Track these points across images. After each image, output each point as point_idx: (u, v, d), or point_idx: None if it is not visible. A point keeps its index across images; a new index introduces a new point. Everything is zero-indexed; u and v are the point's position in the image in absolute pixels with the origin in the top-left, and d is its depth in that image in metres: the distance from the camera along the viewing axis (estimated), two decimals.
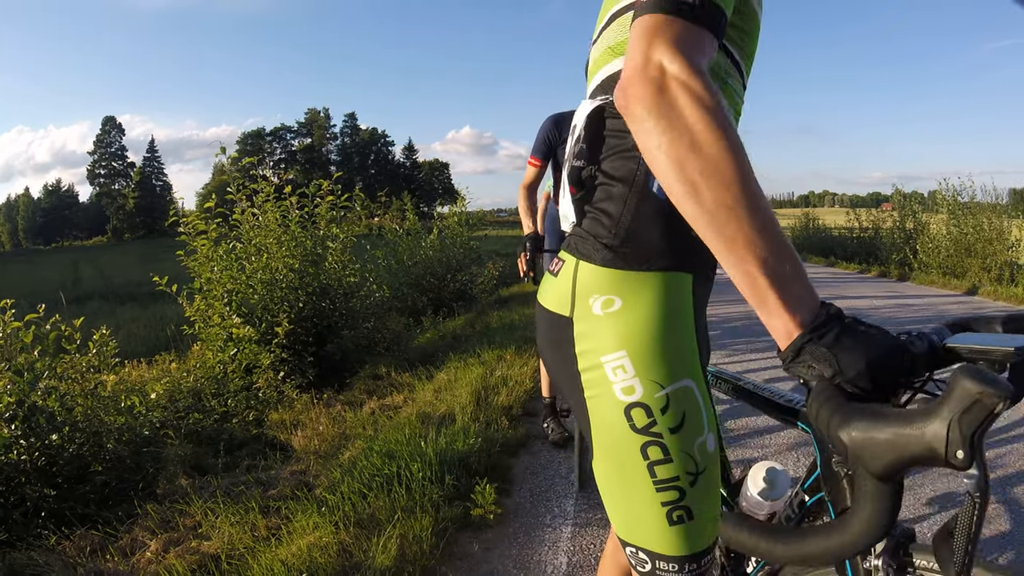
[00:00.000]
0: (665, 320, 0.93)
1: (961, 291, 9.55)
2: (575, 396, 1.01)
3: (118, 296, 18.24)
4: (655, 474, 0.92)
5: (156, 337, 9.23)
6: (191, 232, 5.26)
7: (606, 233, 0.96)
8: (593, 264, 0.96)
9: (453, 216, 11.26)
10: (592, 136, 1.00)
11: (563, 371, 1.02)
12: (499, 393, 4.11)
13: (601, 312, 0.94)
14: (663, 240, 0.94)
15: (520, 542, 2.48)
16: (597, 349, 0.94)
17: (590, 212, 1.01)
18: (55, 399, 3.28)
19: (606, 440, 0.96)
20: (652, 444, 0.92)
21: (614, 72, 0.98)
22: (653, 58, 0.72)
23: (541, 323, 1.08)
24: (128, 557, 2.54)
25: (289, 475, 3.17)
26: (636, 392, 0.92)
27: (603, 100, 1.00)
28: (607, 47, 1.00)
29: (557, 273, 1.04)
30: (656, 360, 0.92)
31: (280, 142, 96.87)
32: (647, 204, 0.94)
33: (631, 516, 0.97)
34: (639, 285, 0.93)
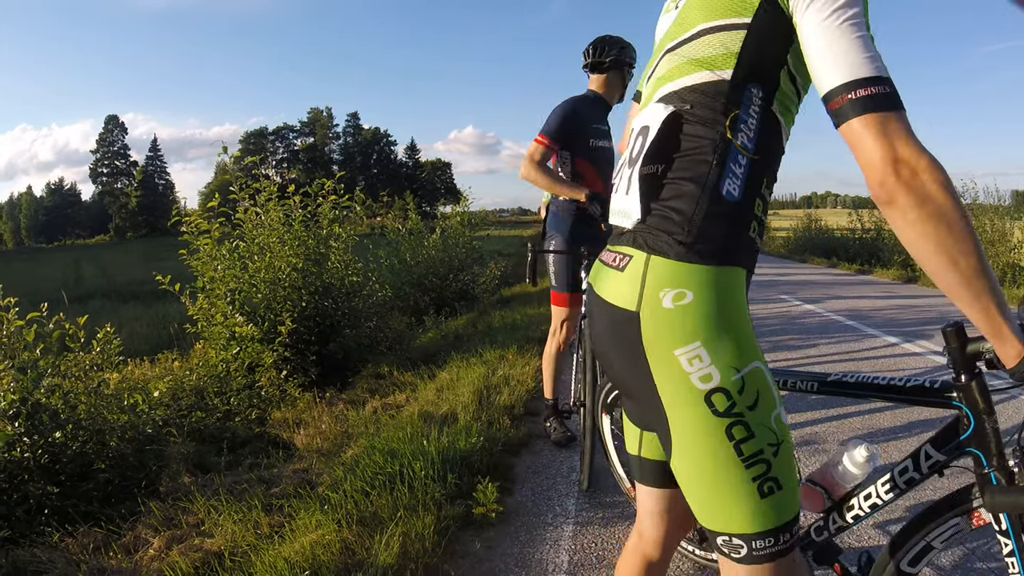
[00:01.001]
0: (732, 310, 1.01)
1: None
2: (644, 390, 1.06)
3: (121, 295, 18.28)
4: (742, 451, 0.99)
5: (159, 336, 9.26)
6: (194, 231, 5.27)
7: (679, 230, 1.02)
8: (667, 259, 1.02)
9: (455, 216, 11.27)
10: (666, 139, 1.07)
11: (628, 365, 1.07)
12: (501, 392, 4.11)
13: (672, 305, 1.00)
14: (727, 238, 1.03)
15: (522, 540, 2.48)
16: (669, 342, 1.00)
17: (658, 209, 1.06)
18: (58, 397, 3.29)
19: (688, 430, 1.02)
20: (735, 424, 0.99)
21: (697, 84, 1.06)
22: (902, 155, 0.86)
23: (601, 318, 1.12)
24: (131, 554, 2.55)
25: (292, 473, 3.17)
26: (714, 379, 0.99)
27: (679, 107, 1.07)
28: (693, 59, 1.08)
29: (623, 268, 1.08)
30: (729, 347, 1.00)
31: (283, 141, 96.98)
32: (717, 205, 1.02)
33: (723, 501, 1.02)
34: (709, 278, 1.00)
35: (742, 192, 1.04)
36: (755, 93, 1.04)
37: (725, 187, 1.03)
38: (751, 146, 1.05)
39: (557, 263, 3.26)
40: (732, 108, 1.04)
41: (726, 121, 1.03)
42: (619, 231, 1.17)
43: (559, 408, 3.54)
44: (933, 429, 1.24)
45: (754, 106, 1.05)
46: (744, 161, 1.04)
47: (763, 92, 1.05)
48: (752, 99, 1.04)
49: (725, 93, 1.04)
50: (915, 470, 1.26)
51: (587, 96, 3.22)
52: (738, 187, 1.04)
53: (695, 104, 1.06)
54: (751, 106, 1.05)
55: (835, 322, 7.16)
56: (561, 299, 3.30)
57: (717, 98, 1.04)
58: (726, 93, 1.04)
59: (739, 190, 1.04)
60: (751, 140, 1.05)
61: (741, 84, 1.04)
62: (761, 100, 1.05)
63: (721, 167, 1.03)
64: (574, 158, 3.16)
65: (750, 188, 1.05)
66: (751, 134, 1.05)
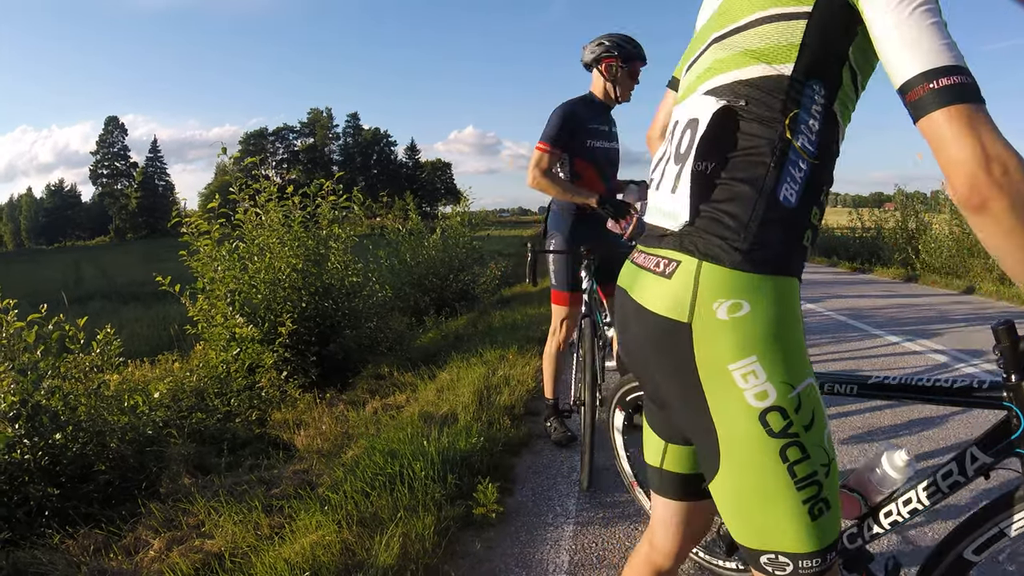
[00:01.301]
0: (789, 322, 0.96)
1: (959, 291, 9.54)
2: (693, 407, 1.00)
3: (121, 296, 18.29)
4: (795, 474, 0.94)
5: (159, 337, 9.26)
6: (194, 232, 5.27)
7: (734, 236, 0.95)
8: (721, 266, 0.95)
9: (456, 216, 11.28)
10: (718, 135, 1.00)
11: (673, 377, 1.01)
12: (501, 393, 4.11)
13: (727, 317, 0.93)
14: (784, 246, 0.97)
15: (522, 541, 2.48)
16: (723, 356, 0.94)
17: (708, 211, 0.99)
18: (58, 398, 3.30)
19: (739, 450, 0.97)
20: (791, 445, 0.94)
21: (753, 79, 0.99)
22: (992, 152, 0.77)
23: (643, 328, 1.05)
24: (131, 556, 2.55)
25: (292, 474, 3.18)
26: (770, 396, 0.93)
27: (731, 102, 1.00)
28: (746, 50, 1.00)
29: (669, 275, 1.00)
30: (785, 362, 0.94)
31: (283, 142, 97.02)
32: (774, 211, 0.96)
33: (770, 523, 0.98)
34: (766, 289, 0.95)
35: (799, 198, 0.97)
36: (816, 91, 0.97)
37: (782, 192, 0.96)
38: (812, 149, 0.98)
39: (557, 262, 3.27)
40: (792, 107, 0.97)
41: (785, 120, 0.97)
42: (659, 232, 1.10)
43: (559, 408, 3.54)
44: (933, 428, 1.24)
45: (816, 105, 0.97)
46: (804, 165, 0.98)
47: (825, 90, 0.98)
48: (814, 97, 0.97)
49: (784, 90, 0.97)
50: (960, 473, 1.22)
51: (584, 97, 3.23)
52: (796, 193, 0.97)
53: (750, 100, 0.99)
54: (813, 105, 0.97)
55: (835, 321, 7.16)
56: (561, 298, 3.30)
57: (775, 95, 0.97)
58: (785, 90, 0.97)
59: (796, 196, 0.97)
60: (812, 143, 0.98)
61: (802, 80, 0.96)
62: (823, 99, 0.98)
63: (779, 170, 0.96)
64: (572, 158, 3.16)
65: (808, 194, 0.98)
66: (812, 136, 0.98)
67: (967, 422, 3.55)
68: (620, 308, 1.16)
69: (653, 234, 1.13)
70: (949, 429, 3.48)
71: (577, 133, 3.12)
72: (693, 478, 1.24)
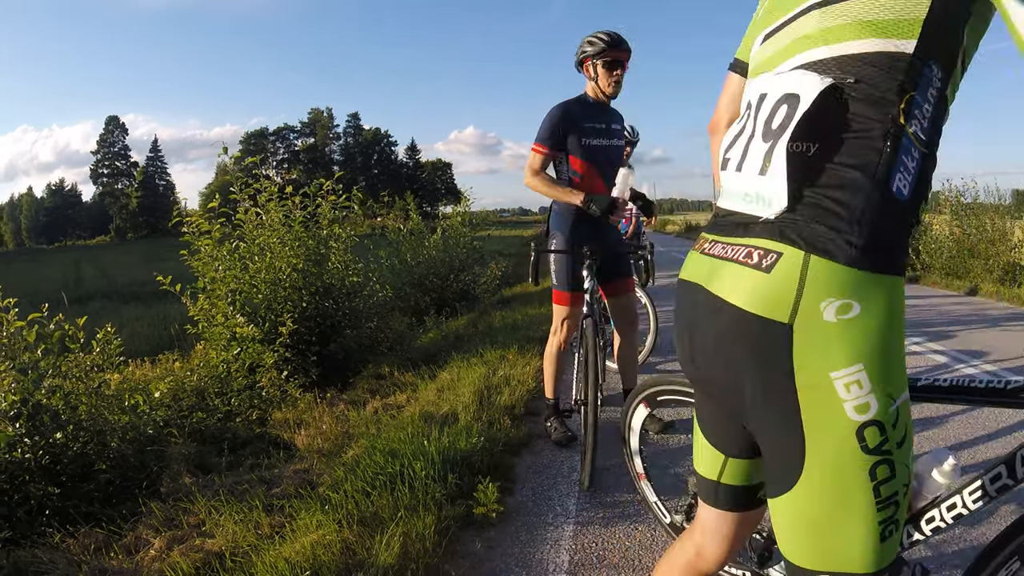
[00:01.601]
0: (897, 327, 0.88)
1: (961, 291, 9.53)
2: (780, 416, 0.91)
3: (121, 295, 18.28)
4: (879, 493, 0.88)
5: (160, 336, 9.25)
6: (195, 232, 5.27)
7: (847, 228, 0.86)
8: (834, 262, 0.85)
9: (456, 216, 11.27)
10: (824, 114, 0.90)
11: (764, 386, 0.92)
12: (502, 392, 4.11)
13: (834, 319, 0.84)
14: (896, 242, 0.89)
15: (522, 540, 2.48)
16: (826, 363, 0.85)
17: (813, 198, 0.90)
18: (59, 397, 3.30)
19: (827, 465, 0.89)
20: (882, 463, 0.87)
21: (868, 53, 0.89)
22: None
23: (726, 326, 0.94)
24: (132, 555, 2.56)
25: (292, 474, 3.18)
26: (871, 409, 0.86)
27: (839, 78, 0.90)
28: (861, 21, 0.89)
29: (768, 268, 0.89)
30: (891, 372, 0.87)
31: (283, 142, 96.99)
32: (887, 202, 0.88)
33: (840, 542, 0.91)
34: (877, 289, 0.86)
35: (911, 191, 0.89)
36: (935, 72, 0.88)
37: (895, 183, 0.87)
38: (924, 137, 0.89)
39: (558, 262, 3.27)
40: (909, 88, 0.87)
41: (900, 103, 0.87)
42: (740, 219, 1.00)
43: (560, 408, 3.54)
44: (977, 430, 1.20)
45: (932, 88, 0.89)
46: (916, 154, 0.89)
47: (941, 72, 0.89)
48: (932, 80, 0.88)
49: (904, 69, 0.87)
50: (1009, 476, 1.16)
51: (578, 97, 3.26)
52: (908, 184, 0.88)
53: (863, 78, 0.89)
54: (929, 88, 0.88)
55: None
56: (562, 298, 3.30)
57: (893, 74, 0.87)
58: (905, 69, 0.87)
59: (909, 188, 0.88)
60: (924, 130, 0.89)
61: (922, 60, 0.87)
62: (939, 81, 0.89)
63: (893, 158, 0.87)
64: (569, 158, 3.19)
65: (919, 187, 0.90)
66: (924, 123, 0.89)
67: (1017, 424, 3.47)
68: (688, 304, 1.06)
69: (730, 221, 1.03)
70: (996, 431, 3.40)
71: (572, 132, 3.15)
72: (751, 489, 1.21)
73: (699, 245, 1.10)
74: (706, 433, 1.22)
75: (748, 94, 1.06)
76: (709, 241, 1.06)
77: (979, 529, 2.36)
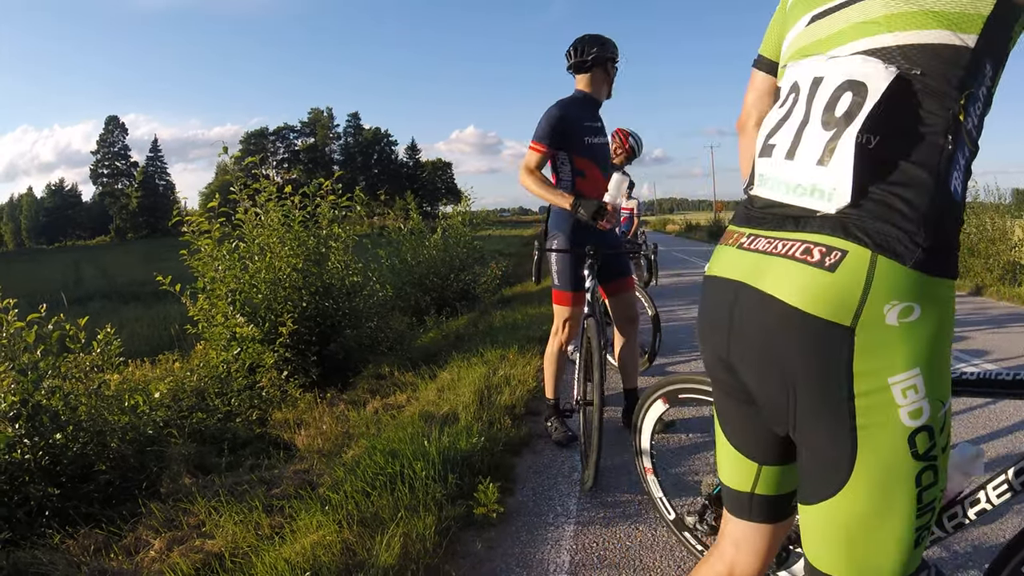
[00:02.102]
0: (949, 330, 0.86)
1: (965, 291, 9.51)
2: (833, 422, 0.88)
3: (121, 296, 18.30)
4: (922, 500, 0.86)
5: (159, 337, 9.26)
6: (195, 231, 5.26)
7: (915, 229, 0.83)
8: (902, 264, 0.82)
9: (457, 216, 11.27)
10: (893, 106, 0.86)
11: (819, 391, 0.88)
12: (502, 392, 4.11)
13: (896, 322, 0.81)
14: (953, 243, 0.86)
15: (523, 541, 2.48)
16: (886, 368, 0.83)
17: (879, 194, 0.85)
18: (59, 398, 3.29)
19: (877, 472, 0.86)
20: (928, 468, 0.85)
21: (933, 44, 0.86)
22: None
23: (785, 328, 0.89)
24: (132, 556, 2.55)
25: (292, 474, 3.17)
26: (924, 414, 0.84)
27: (904, 69, 0.86)
28: (929, 10, 0.86)
29: (832, 266, 0.84)
30: (943, 376, 0.85)
31: (283, 142, 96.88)
32: (947, 203, 0.85)
33: (875, 549, 0.89)
34: (936, 292, 0.83)
35: (962, 191, 0.87)
36: (989, 70, 0.87)
37: (953, 182, 0.85)
38: (975, 135, 0.88)
39: (560, 262, 3.25)
40: (969, 84, 0.85)
41: (960, 99, 0.85)
42: (795, 211, 0.94)
43: (560, 408, 3.54)
44: (999, 424, 1.18)
45: (983, 86, 0.87)
46: (967, 153, 0.87)
47: (992, 70, 0.88)
48: (985, 77, 0.87)
49: (965, 64, 0.85)
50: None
51: (575, 97, 3.26)
52: (961, 183, 0.86)
53: (928, 71, 0.85)
54: (983, 85, 0.87)
55: None
56: (564, 298, 3.28)
57: (955, 69, 0.85)
58: (966, 64, 0.85)
59: (961, 187, 0.87)
60: (976, 128, 0.88)
61: (982, 56, 0.85)
62: (990, 80, 0.88)
63: (952, 156, 0.85)
64: (572, 157, 3.18)
65: (965, 186, 0.88)
66: (977, 120, 0.88)
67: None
68: (724, 303, 1.00)
69: (775, 213, 0.98)
70: (1018, 424, 3.40)
71: (574, 132, 3.15)
72: (785, 497, 1.15)
73: (732, 239, 1.04)
74: (736, 442, 1.15)
75: (793, 76, 1.01)
76: (747, 235, 1.01)
77: (1000, 525, 2.35)
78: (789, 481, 1.13)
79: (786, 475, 1.13)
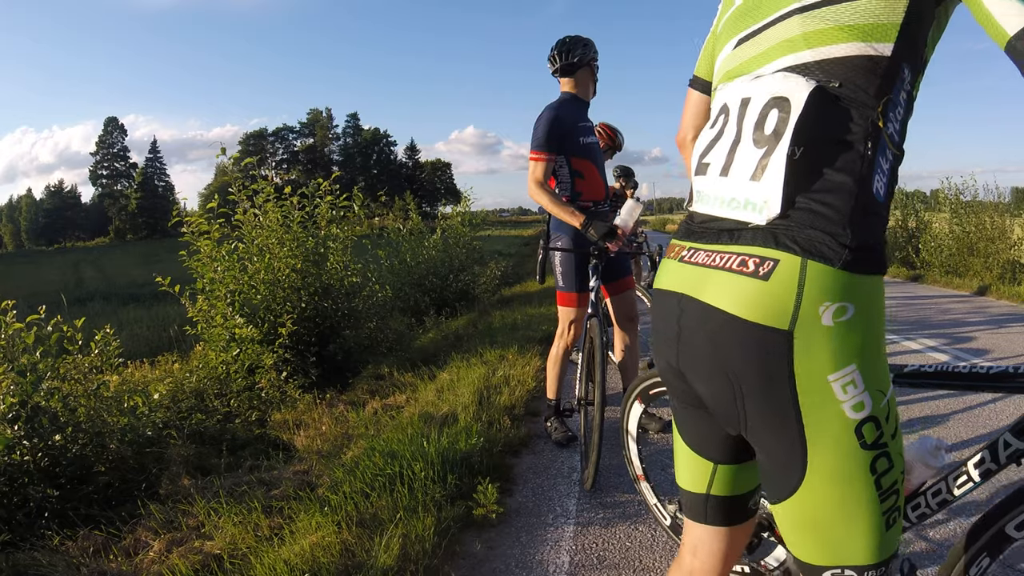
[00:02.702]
0: (881, 324, 0.90)
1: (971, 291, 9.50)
2: (780, 423, 0.92)
3: (121, 297, 18.30)
4: (881, 485, 0.91)
5: (159, 338, 9.26)
6: (194, 232, 5.26)
7: (840, 231, 0.87)
8: (831, 267, 0.86)
9: (456, 216, 11.27)
10: (813, 119, 0.91)
11: (765, 395, 0.92)
12: (501, 393, 4.11)
13: (831, 322, 0.86)
14: (879, 242, 0.91)
15: (522, 541, 2.48)
16: (824, 366, 0.87)
17: (806, 203, 0.90)
18: (58, 400, 3.29)
19: (830, 465, 0.90)
20: (880, 456, 0.90)
21: (850, 57, 0.91)
22: None
23: (728, 336, 0.93)
24: (131, 557, 2.55)
25: (292, 475, 3.17)
26: (866, 407, 0.88)
27: (823, 82, 0.91)
28: (843, 25, 0.91)
29: (766, 275, 0.89)
30: (880, 368, 0.90)
31: (282, 142, 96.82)
32: (870, 204, 0.90)
33: (847, 537, 0.93)
34: (866, 289, 0.88)
35: (886, 191, 0.92)
36: (906, 75, 0.92)
37: (875, 184, 0.90)
38: (896, 138, 0.93)
39: (564, 263, 3.24)
40: (887, 91, 0.90)
41: (879, 106, 0.90)
42: (729, 225, 0.99)
43: (561, 408, 3.53)
44: (962, 417, 1.21)
45: (903, 91, 0.92)
46: (890, 156, 0.92)
47: (911, 74, 0.93)
48: (904, 82, 0.92)
49: (882, 72, 0.90)
50: (992, 460, 1.19)
51: (564, 99, 3.26)
52: (884, 185, 0.91)
53: (846, 82, 0.91)
54: (902, 90, 0.92)
55: None
56: (569, 299, 3.26)
57: (872, 78, 0.90)
58: (883, 72, 0.90)
59: (884, 188, 0.92)
60: (897, 131, 0.93)
61: (898, 63, 0.90)
62: (909, 84, 0.93)
63: (873, 161, 0.90)
64: (569, 159, 3.18)
65: (891, 188, 0.93)
66: (898, 124, 0.93)
67: (997, 411, 3.57)
68: (672, 315, 1.04)
69: (711, 227, 1.02)
70: (979, 418, 3.49)
71: (570, 133, 3.16)
72: (742, 498, 1.18)
73: (675, 253, 1.09)
74: (691, 443, 1.17)
75: (723, 98, 1.07)
76: (688, 249, 1.06)
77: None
78: (744, 482, 1.16)
79: (740, 475, 1.16)
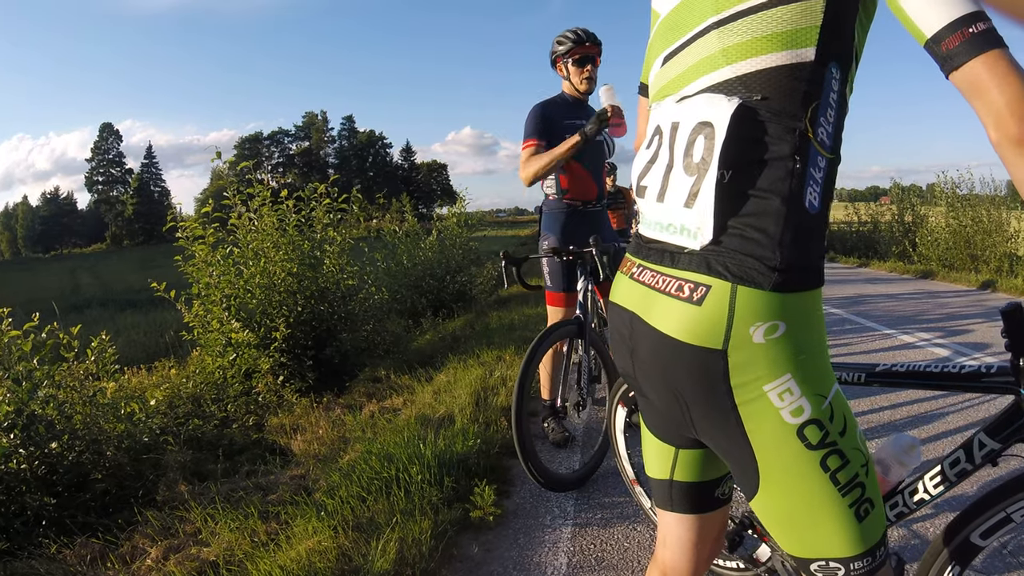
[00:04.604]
0: (817, 333, 0.93)
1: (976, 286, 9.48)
2: (727, 432, 0.96)
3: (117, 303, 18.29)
4: (838, 481, 0.93)
5: (155, 343, 9.24)
6: (189, 237, 5.25)
7: (770, 255, 0.89)
8: (760, 289, 0.89)
9: (452, 217, 11.27)
10: (737, 139, 0.91)
11: (708, 408, 0.96)
12: (498, 394, 4.11)
13: (763, 340, 0.89)
14: (814, 256, 0.92)
15: (520, 543, 2.47)
16: (759, 379, 0.90)
17: (737, 228, 0.91)
18: (54, 407, 3.28)
19: (779, 468, 0.94)
20: (830, 454, 0.92)
21: (771, 67, 0.90)
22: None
23: (667, 356, 0.97)
24: (128, 565, 2.54)
25: (289, 479, 3.17)
26: (805, 411, 0.91)
27: (746, 98, 0.91)
28: (761, 36, 0.90)
29: (699, 301, 0.92)
30: (818, 374, 0.92)
31: (278, 146, 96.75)
32: (803, 220, 0.90)
33: (818, 532, 0.96)
34: (799, 305, 0.90)
35: (821, 200, 0.92)
36: (834, 75, 0.91)
37: (808, 197, 0.90)
38: (829, 142, 0.92)
39: (551, 264, 3.25)
40: (813, 97, 0.89)
41: (806, 114, 0.89)
42: (668, 247, 1.01)
43: (557, 408, 3.53)
44: (938, 417, 1.23)
45: (833, 92, 0.91)
46: (823, 163, 0.92)
47: (840, 72, 0.92)
48: (832, 83, 0.91)
49: (807, 78, 0.89)
50: (967, 461, 1.21)
51: (555, 97, 3.30)
52: (818, 195, 0.92)
53: (769, 94, 0.90)
54: (831, 92, 0.91)
55: (832, 315, 7.15)
56: (557, 299, 3.28)
57: (797, 85, 0.89)
58: (807, 78, 0.89)
59: (819, 198, 0.92)
60: (828, 135, 0.92)
61: (824, 64, 0.89)
62: (838, 83, 0.92)
63: (803, 174, 0.90)
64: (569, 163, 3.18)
65: (827, 194, 0.93)
66: (829, 128, 0.92)
67: (974, 410, 3.57)
68: (625, 329, 1.07)
69: (655, 247, 1.04)
70: (955, 418, 3.49)
71: (554, 131, 3.16)
72: (707, 485, 1.19)
73: (627, 268, 1.12)
74: (652, 427, 1.20)
75: (656, 118, 1.07)
76: (637, 265, 1.08)
77: None
78: (708, 469, 1.18)
79: (704, 461, 1.17)
